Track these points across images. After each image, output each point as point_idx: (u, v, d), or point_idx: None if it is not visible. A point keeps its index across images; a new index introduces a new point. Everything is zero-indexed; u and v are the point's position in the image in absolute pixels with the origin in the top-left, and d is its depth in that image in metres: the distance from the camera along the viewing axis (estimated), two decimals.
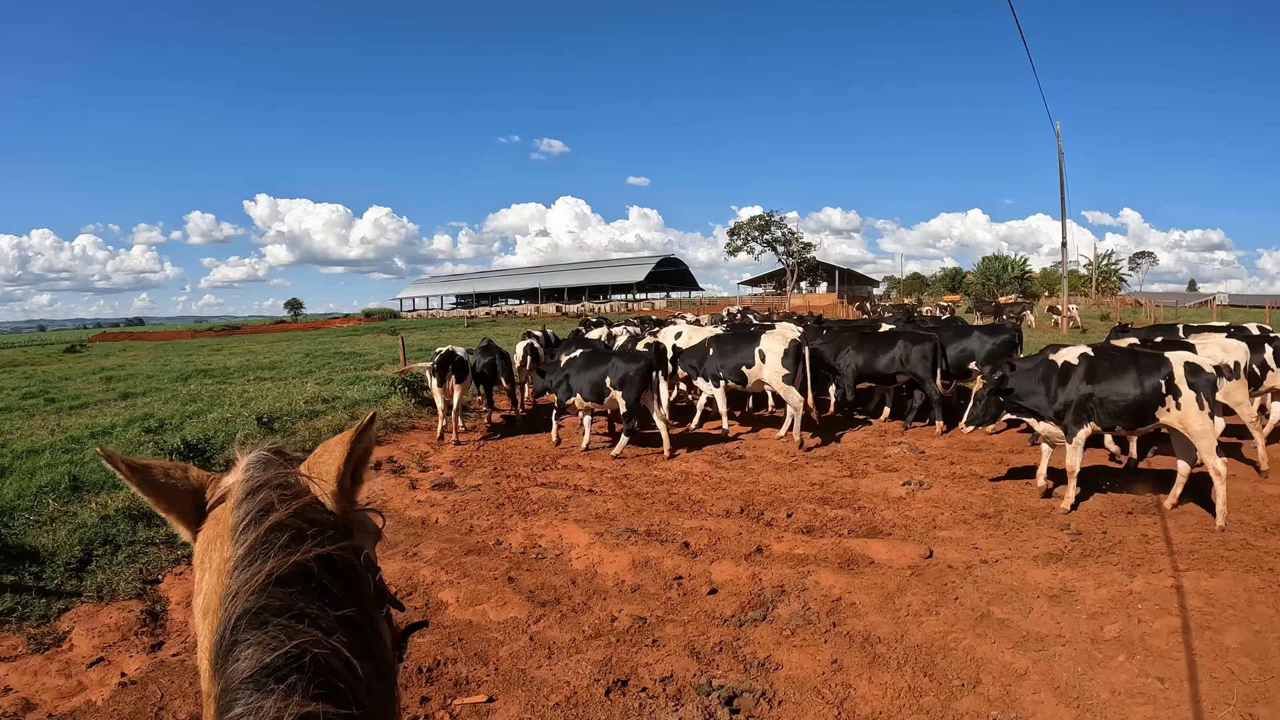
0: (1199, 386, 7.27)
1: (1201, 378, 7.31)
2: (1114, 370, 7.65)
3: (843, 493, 8.83)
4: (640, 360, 10.91)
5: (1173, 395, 7.34)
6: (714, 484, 9.27)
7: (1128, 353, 7.88)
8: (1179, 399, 7.31)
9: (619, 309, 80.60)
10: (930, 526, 7.67)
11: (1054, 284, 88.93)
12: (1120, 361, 7.70)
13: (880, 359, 12.47)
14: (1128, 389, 7.51)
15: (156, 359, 35.38)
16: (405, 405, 14.27)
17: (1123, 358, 7.74)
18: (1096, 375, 7.70)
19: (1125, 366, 7.61)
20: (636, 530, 7.49)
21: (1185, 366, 7.37)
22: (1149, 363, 7.52)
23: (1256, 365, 9.61)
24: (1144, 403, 7.45)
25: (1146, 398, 7.43)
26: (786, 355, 11.44)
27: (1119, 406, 7.56)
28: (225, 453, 10.57)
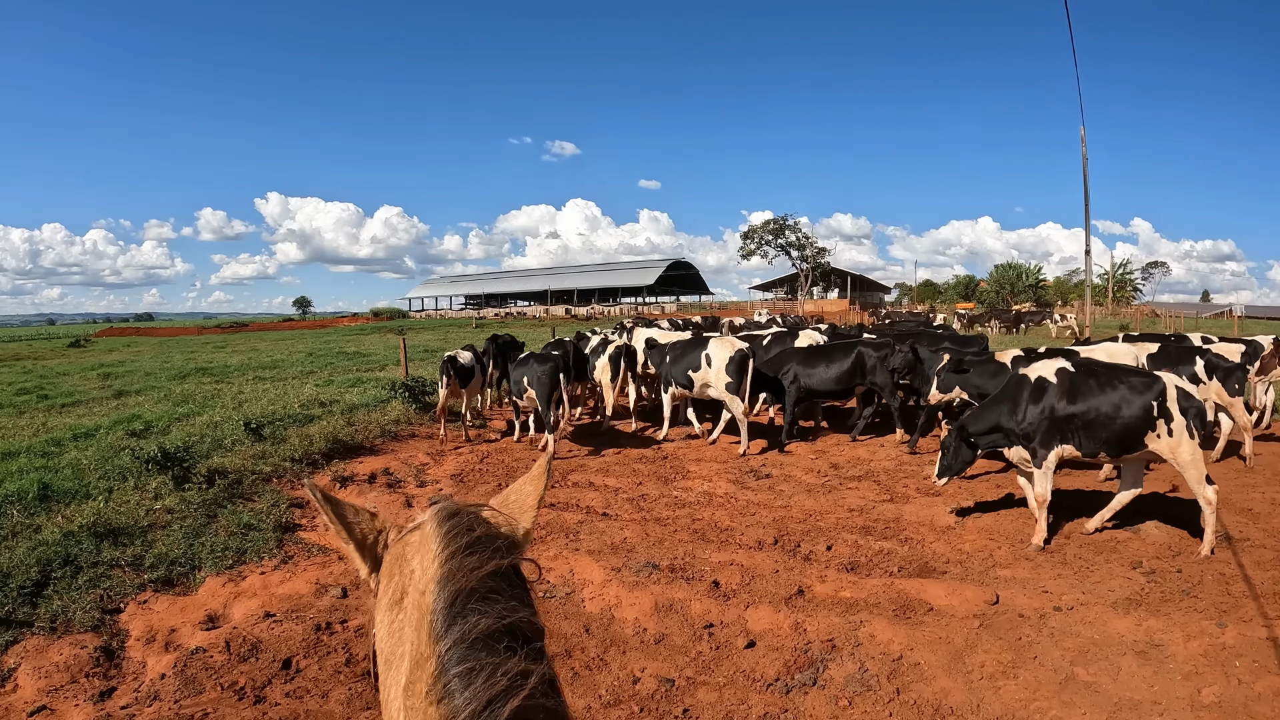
0: (1190, 412, 6.74)
1: (1193, 404, 6.78)
2: (1102, 389, 7.00)
3: (885, 521, 7.98)
4: (548, 362, 11.15)
5: (1165, 420, 6.76)
6: (741, 508, 8.39)
7: (1113, 369, 7.32)
8: (1171, 424, 6.74)
9: (628, 312, 79.90)
10: (989, 563, 6.84)
11: (1068, 292, 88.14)
12: (1106, 379, 7.08)
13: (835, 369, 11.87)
14: (1113, 411, 6.90)
15: (159, 355, 35.00)
16: (405, 411, 13.43)
17: (1108, 375, 7.14)
18: (1079, 395, 7.05)
19: (1114, 384, 6.98)
20: (659, 565, 6.60)
21: (1178, 390, 6.84)
22: (1141, 381, 6.93)
23: (1188, 377, 9.43)
24: (1136, 428, 6.84)
25: (1135, 423, 6.83)
26: (730, 363, 11.31)
27: (1117, 429, 6.91)
28: (208, 461, 9.75)
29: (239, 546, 7.36)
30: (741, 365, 11.32)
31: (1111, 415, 6.89)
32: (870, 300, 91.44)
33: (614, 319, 64.66)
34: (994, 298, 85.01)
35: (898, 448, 11.37)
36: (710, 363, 11.55)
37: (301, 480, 9.55)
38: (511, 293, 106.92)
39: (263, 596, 6.44)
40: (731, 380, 11.28)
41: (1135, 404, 6.81)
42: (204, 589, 6.62)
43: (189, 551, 7.21)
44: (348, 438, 11.34)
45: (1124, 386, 6.92)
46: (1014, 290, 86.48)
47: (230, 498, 8.66)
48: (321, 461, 10.22)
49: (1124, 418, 6.84)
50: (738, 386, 11.27)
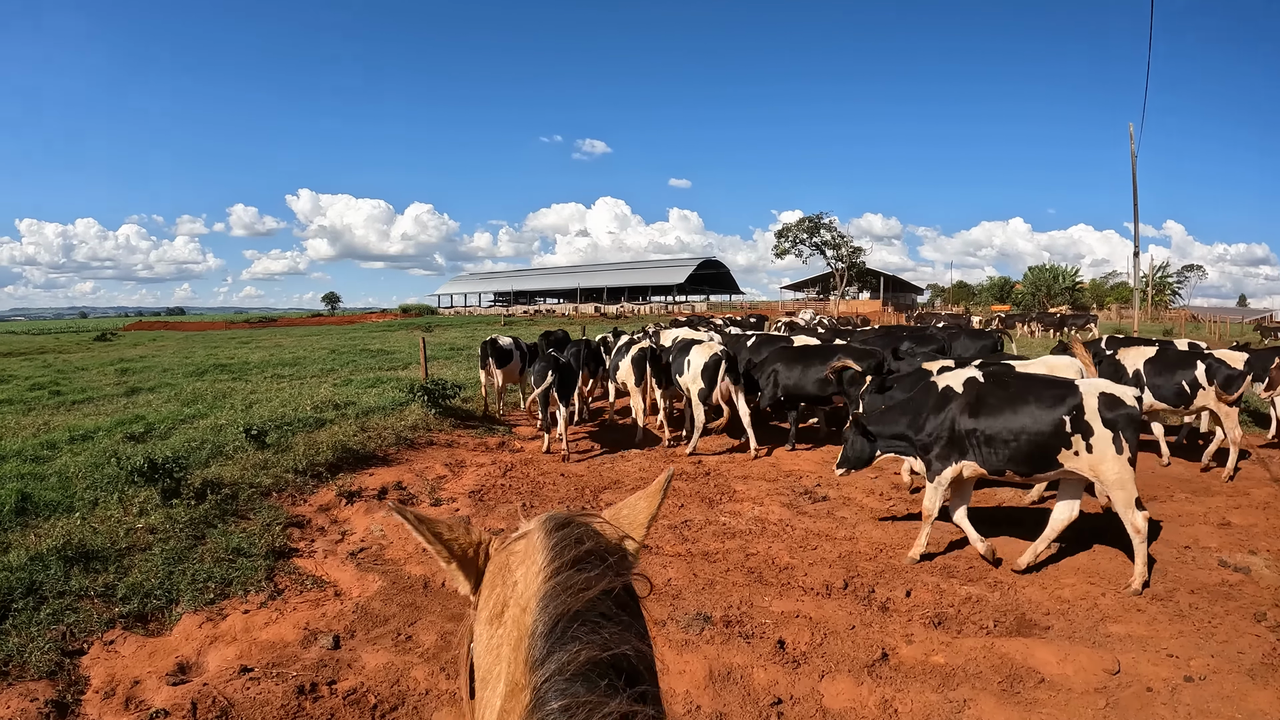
0: (1118, 423, 6.01)
1: (1121, 412, 6.02)
2: (1011, 401, 6.36)
3: (967, 558, 6.90)
4: (545, 360, 11.15)
5: (1083, 434, 6.08)
6: (800, 539, 7.29)
7: (1029, 379, 6.63)
8: (1090, 439, 6.06)
9: (658, 311, 79.02)
10: (1096, 615, 5.77)
11: (1104, 295, 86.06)
12: (1017, 389, 6.44)
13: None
14: (1021, 425, 6.24)
15: (181, 350, 34.60)
16: (424, 415, 12.42)
17: (1021, 384, 6.49)
18: (985, 408, 6.43)
19: (1023, 395, 6.35)
20: (711, 617, 5.49)
21: (1100, 398, 6.09)
22: (1053, 392, 6.26)
23: (1186, 383, 9.62)
24: (1047, 443, 6.17)
25: (1046, 437, 6.17)
26: (705, 369, 11.12)
27: (1024, 444, 6.25)
28: (204, 471, 8.83)
29: (224, 576, 6.42)
30: (714, 371, 11.07)
31: (1018, 430, 6.24)
32: (903, 301, 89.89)
33: (644, 318, 63.85)
34: (1030, 300, 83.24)
35: None
36: (690, 367, 11.41)
37: (303, 497, 8.62)
38: (541, 290, 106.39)
39: (243, 642, 5.47)
40: (704, 386, 11.10)
41: (1045, 418, 6.15)
42: (179, 629, 5.69)
43: (167, 581, 6.30)
44: (358, 446, 10.37)
45: (1034, 398, 6.27)
46: (1050, 293, 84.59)
47: (222, 515, 7.72)
48: (327, 474, 9.23)
49: (1032, 432, 6.19)
50: (708, 393, 11.10)
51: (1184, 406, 9.91)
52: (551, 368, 11.01)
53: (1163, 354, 10.22)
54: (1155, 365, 10.09)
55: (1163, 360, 10.08)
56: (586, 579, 1.14)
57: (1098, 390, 6.14)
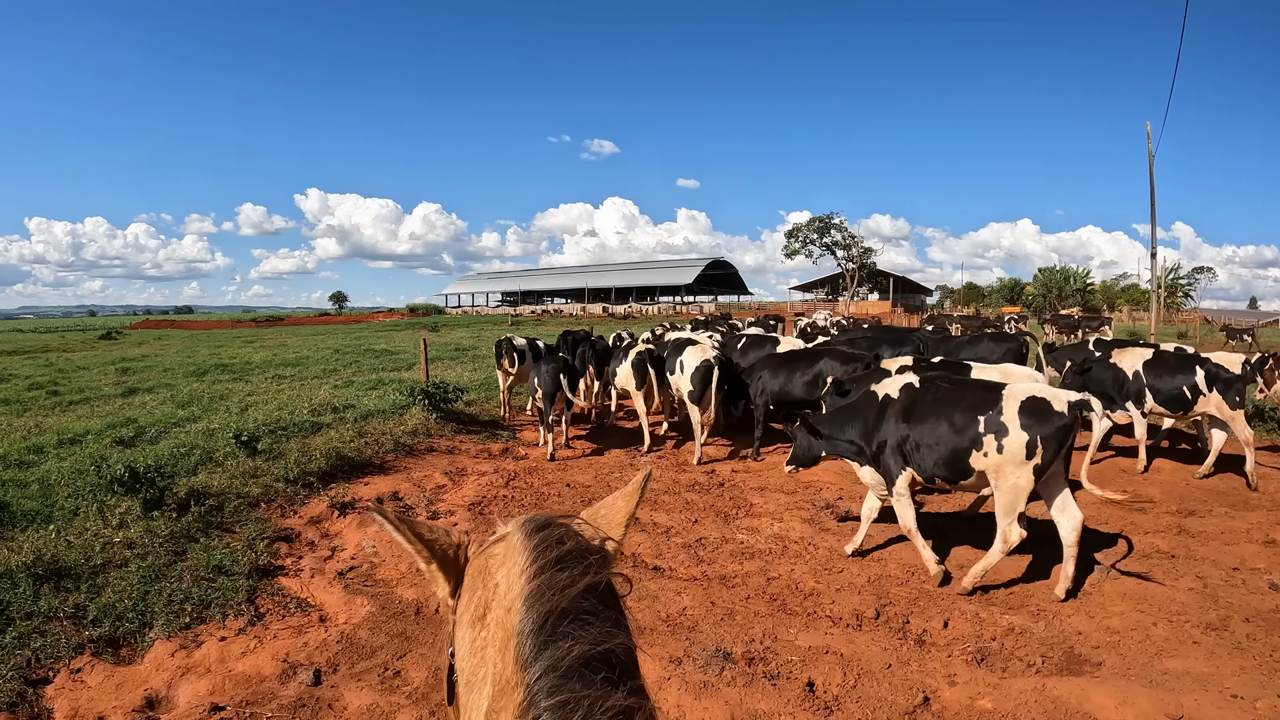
0: (1039, 431, 5.72)
1: (1050, 421, 5.75)
2: (940, 407, 6.20)
3: (1005, 580, 6.35)
4: (552, 363, 11.10)
5: (994, 435, 5.83)
6: (824, 560, 6.75)
7: (962, 384, 6.48)
8: (1002, 441, 5.79)
9: (666, 311, 78.59)
10: (1150, 649, 5.25)
11: (1115, 297, 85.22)
12: (950, 395, 6.25)
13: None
14: (946, 432, 6.08)
15: (185, 349, 34.27)
16: (425, 420, 11.92)
17: (953, 390, 6.32)
18: (916, 413, 6.29)
19: (951, 402, 6.16)
20: (732, 654, 4.95)
21: (1024, 404, 5.82)
22: (977, 397, 6.07)
23: (1187, 389, 9.39)
24: (964, 449, 5.99)
25: (963, 442, 5.99)
26: (696, 371, 10.96)
27: (947, 452, 6.09)
28: (190, 480, 8.38)
29: (202, 598, 5.95)
30: (706, 375, 10.90)
31: (942, 434, 6.10)
32: (912, 303, 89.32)
33: (652, 318, 63.37)
34: (1041, 302, 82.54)
35: None
36: (682, 369, 11.26)
37: (292, 508, 8.14)
38: (549, 290, 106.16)
39: (217, 675, 4.98)
40: (694, 389, 10.93)
41: (966, 424, 5.99)
42: (150, 657, 5.22)
43: (142, 603, 5.85)
44: (354, 453, 9.87)
45: (960, 401, 6.11)
46: (1061, 294, 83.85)
47: (205, 528, 7.26)
48: (318, 484, 8.72)
49: (951, 437, 6.05)
50: (699, 395, 10.90)
51: (1183, 413, 9.70)
52: (562, 370, 10.90)
53: (1160, 358, 9.99)
54: (1154, 369, 9.88)
55: (1161, 364, 9.86)
56: (570, 576, 1.13)
57: (1024, 395, 5.90)
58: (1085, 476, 6.26)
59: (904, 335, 14.50)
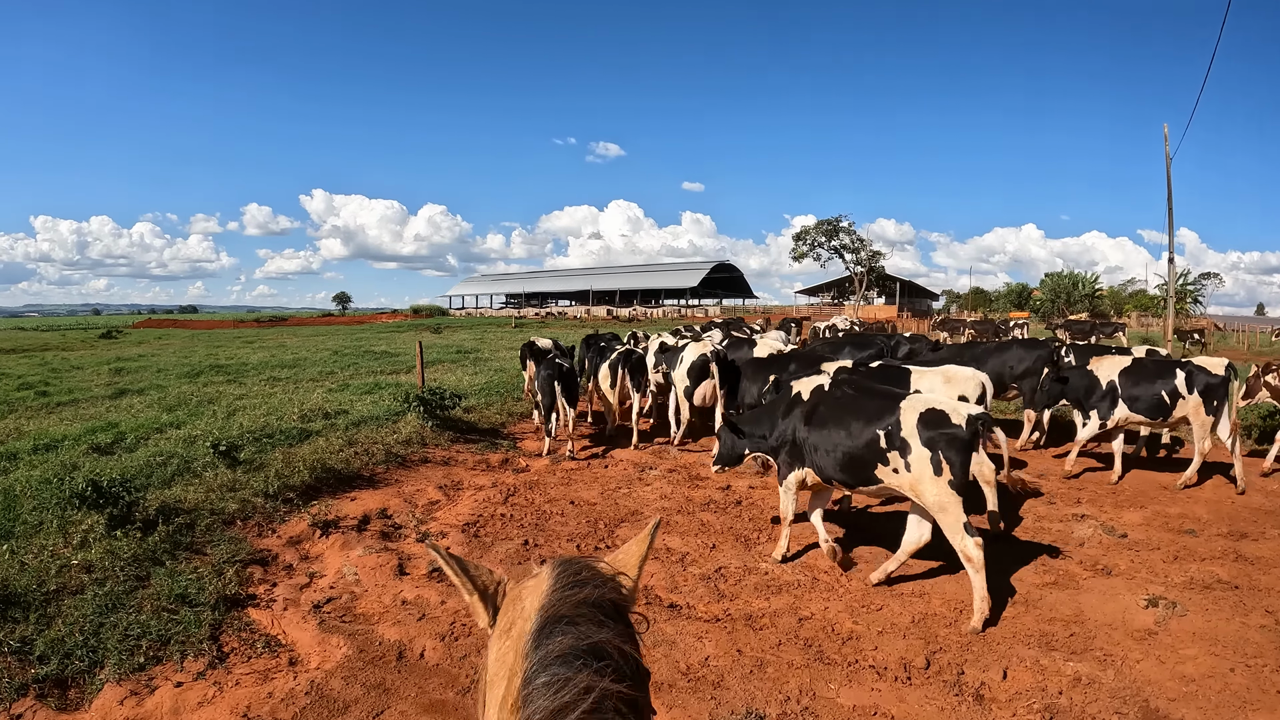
0: (937, 443, 5.60)
1: (942, 431, 5.62)
2: (840, 412, 6.21)
3: (1063, 619, 5.65)
4: (549, 369, 10.99)
5: (899, 451, 5.75)
6: (859, 594, 6.00)
7: (866, 390, 6.46)
8: (907, 457, 5.71)
9: (671, 314, 77.96)
10: (1234, 702, 4.59)
11: (1122, 303, 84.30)
12: (849, 400, 6.28)
13: None
14: (843, 437, 6.08)
15: (183, 349, 33.74)
16: (420, 428, 11.19)
17: (858, 396, 6.32)
18: (817, 416, 6.34)
19: (853, 408, 6.16)
20: (765, 717, 4.25)
21: (922, 415, 5.73)
22: (876, 406, 6.02)
23: (1166, 393, 9.17)
24: (863, 458, 5.95)
25: (863, 452, 5.94)
26: (693, 367, 11.16)
27: (842, 456, 6.08)
28: (164, 493, 7.73)
29: (161, 632, 5.25)
30: (702, 370, 11.08)
31: (840, 441, 6.08)
32: (918, 307, 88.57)
33: (657, 321, 62.72)
34: (1049, 307, 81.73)
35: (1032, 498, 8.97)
36: (681, 364, 11.40)
37: (271, 527, 7.45)
38: (553, 292, 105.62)
39: None
40: (689, 384, 11.13)
41: (863, 432, 5.94)
42: (98, 704, 4.58)
43: (94, 638, 5.16)
44: (341, 465, 9.15)
45: (859, 411, 6.07)
46: (1069, 299, 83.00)
47: (173, 549, 6.58)
48: (301, 499, 8.00)
49: (851, 445, 6.01)
50: (692, 391, 11.12)
51: (1162, 419, 9.40)
52: (557, 376, 10.78)
53: (1138, 364, 9.63)
54: (1131, 376, 9.52)
55: (1139, 370, 9.53)
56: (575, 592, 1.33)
57: (924, 407, 5.77)
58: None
59: (870, 340, 14.13)
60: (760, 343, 13.44)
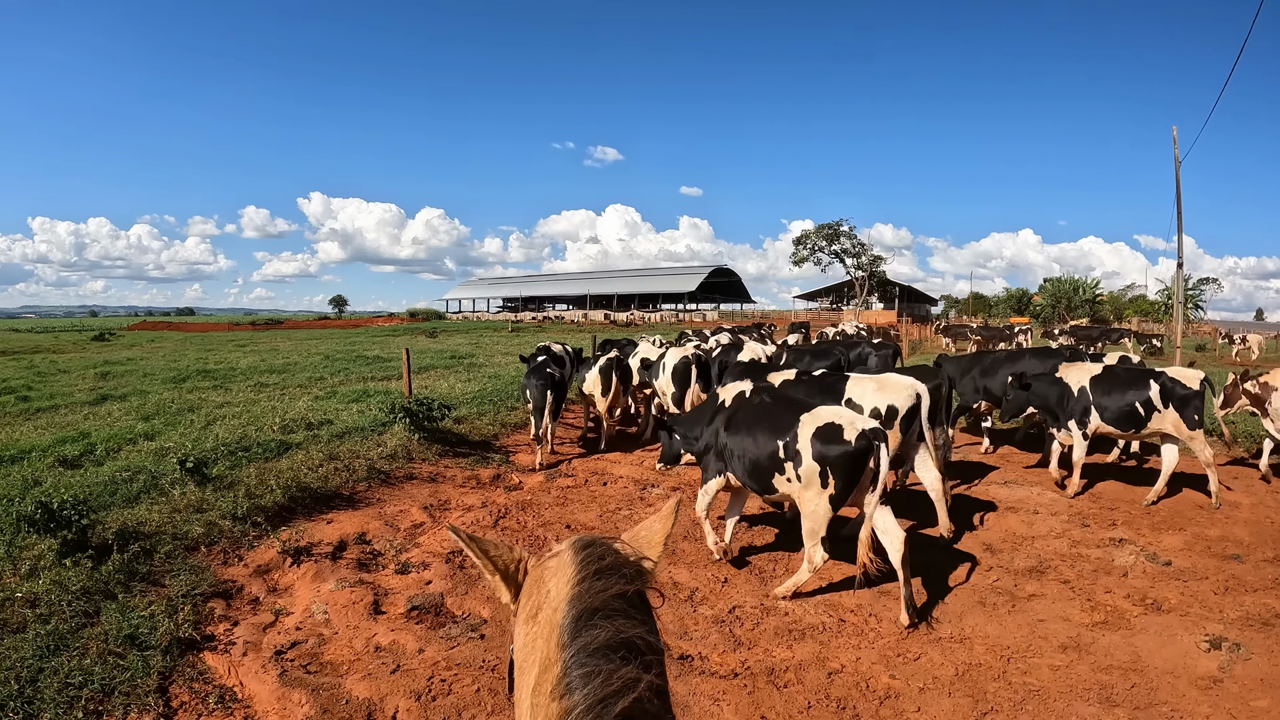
0: (828, 458, 5.68)
1: (835, 449, 5.68)
2: (753, 420, 6.31)
3: (1120, 668, 5.02)
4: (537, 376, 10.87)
5: (793, 462, 5.86)
6: (893, 640, 5.32)
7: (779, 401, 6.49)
8: (799, 468, 5.81)
9: (669, 319, 77.39)
10: None
11: (1123, 308, 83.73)
12: (762, 409, 6.38)
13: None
14: (751, 445, 6.19)
15: (174, 353, 33.19)
16: (407, 440, 10.52)
17: (767, 406, 6.40)
18: (734, 423, 6.43)
19: (764, 417, 6.26)
20: None
21: (818, 429, 5.79)
22: (781, 416, 6.10)
23: (1140, 404, 8.81)
24: (765, 466, 6.08)
25: (765, 460, 6.08)
26: (675, 372, 11.03)
27: (751, 464, 6.20)
28: (124, 514, 7.10)
29: (105, 681, 4.63)
30: (684, 374, 10.95)
31: (749, 448, 6.19)
32: (917, 312, 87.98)
33: (655, 325, 62.10)
34: (1050, 312, 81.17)
35: (1062, 519, 8.32)
36: (664, 370, 11.21)
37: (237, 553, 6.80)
38: (550, 296, 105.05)
39: None
40: (675, 390, 10.98)
41: (767, 441, 6.04)
42: None
43: (31, 686, 4.54)
44: (319, 482, 8.48)
45: (767, 420, 6.17)
46: (1070, 305, 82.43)
47: (129, 579, 5.96)
48: (272, 522, 7.32)
49: (757, 453, 6.12)
50: (680, 396, 10.95)
51: (1134, 430, 9.06)
52: (548, 385, 10.68)
53: (1110, 373, 9.29)
54: (1103, 383, 9.16)
55: (1111, 379, 9.16)
56: (605, 584, 1.33)
57: (820, 420, 5.82)
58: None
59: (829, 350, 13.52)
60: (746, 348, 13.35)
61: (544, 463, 10.61)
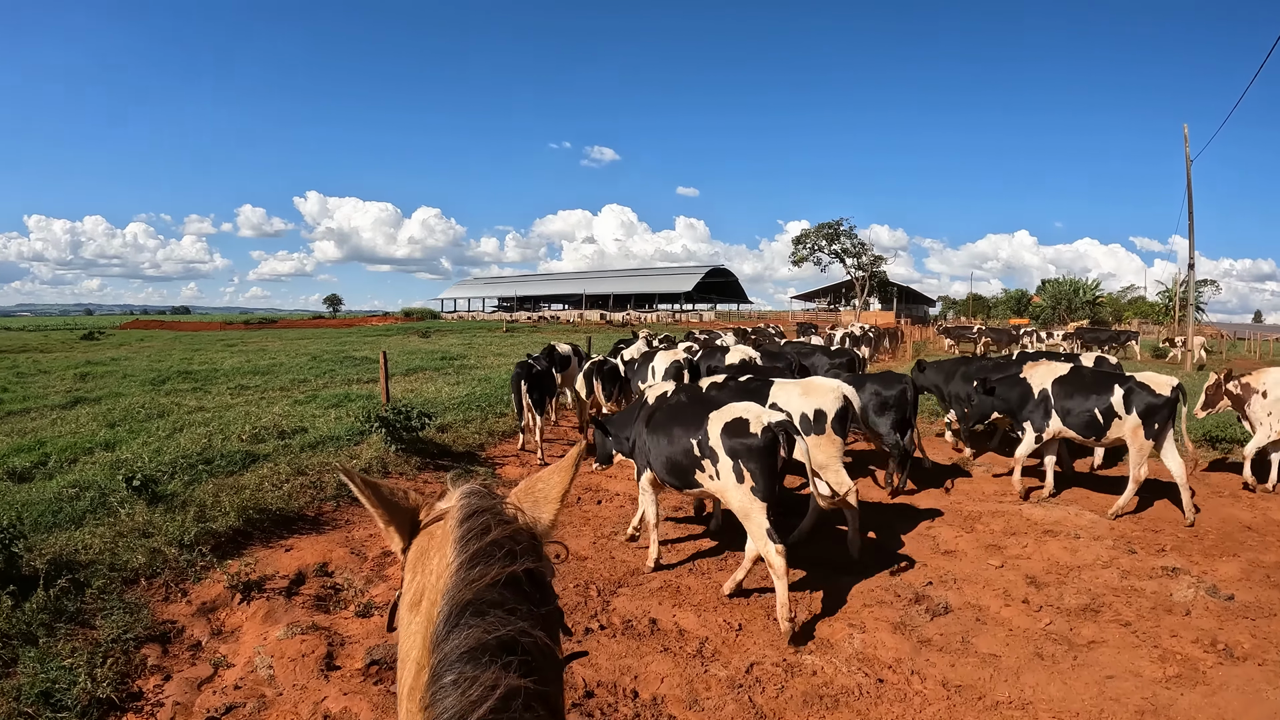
0: (738, 452, 5.66)
1: (743, 442, 5.67)
2: (668, 419, 6.37)
3: None
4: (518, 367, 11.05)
5: (710, 459, 5.85)
6: (944, 708, 4.45)
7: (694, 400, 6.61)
8: (716, 465, 5.79)
9: (665, 319, 76.64)
10: None
11: (1122, 310, 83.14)
12: (678, 409, 6.42)
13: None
14: (666, 444, 6.25)
15: (160, 353, 32.58)
16: (383, 453, 9.63)
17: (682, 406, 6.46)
18: (653, 422, 6.50)
19: (678, 416, 6.30)
20: None
21: (726, 425, 5.80)
22: (693, 415, 6.12)
23: (1100, 410, 8.35)
24: (682, 464, 6.11)
25: (679, 457, 6.12)
26: (666, 374, 10.85)
27: (666, 461, 6.27)
28: (60, 539, 6.28)
29: None
30: (676, 376, 10.63)
31: (665, 447, 6.24)
32: (915, 313, 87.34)
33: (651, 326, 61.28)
34: (1049, 314, 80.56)
35: (1107, 544, 7.50)
36: (653, 374, 11.01)
37: (181, 587, 5.97)
38: (546, 296, 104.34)
39: None
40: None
41: (682, 439, 6.09)
42: None
43: None
44: (280, 502, 7.60)
45: (682, 419, 6.19)
46: (1070, 306, 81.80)
47: (54, 619, 5.16)
48: (220, 552, 6.44)
49: (672, 451, 6.17)
50: None
51: (1095, 438, 8.61)
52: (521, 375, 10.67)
53: (1076, 374, 8.86)
54: (1066, 386, 8.73)
55: (1075, 381, 8.73)
56: (484, 569, 1.23)
57: (728, 417, 5.81)
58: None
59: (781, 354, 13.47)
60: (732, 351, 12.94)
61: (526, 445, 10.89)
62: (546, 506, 1.49)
